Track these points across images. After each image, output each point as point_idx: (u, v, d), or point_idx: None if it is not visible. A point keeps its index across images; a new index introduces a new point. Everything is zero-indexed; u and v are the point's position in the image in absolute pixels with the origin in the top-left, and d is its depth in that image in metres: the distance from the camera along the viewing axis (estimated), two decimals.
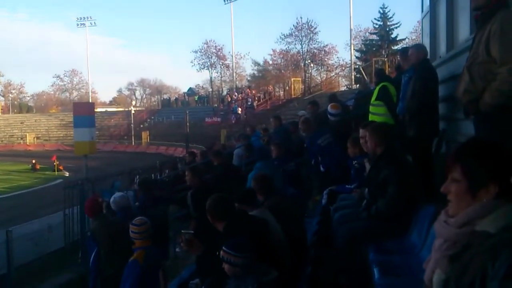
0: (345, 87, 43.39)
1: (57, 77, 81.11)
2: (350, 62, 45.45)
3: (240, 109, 42.57)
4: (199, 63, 63.68)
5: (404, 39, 47.60)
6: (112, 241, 5.41)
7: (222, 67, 64.09)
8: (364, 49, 49.70)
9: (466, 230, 1.58)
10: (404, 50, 6.93)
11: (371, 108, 6.84)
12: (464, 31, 6.25)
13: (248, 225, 3.73)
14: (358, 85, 34.53)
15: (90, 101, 59.92)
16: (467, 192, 1.61)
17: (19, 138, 63.18)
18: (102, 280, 5.59)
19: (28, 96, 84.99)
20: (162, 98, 71.93)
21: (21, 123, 66.04)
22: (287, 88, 47.14)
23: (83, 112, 18.39)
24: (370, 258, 3.65)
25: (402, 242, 3.92)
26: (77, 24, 67.41)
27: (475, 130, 3.60)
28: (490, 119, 3.31)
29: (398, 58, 8.52)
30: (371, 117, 6.64)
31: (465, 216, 1.60)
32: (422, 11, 9.24)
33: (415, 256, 3.53)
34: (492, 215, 1.55)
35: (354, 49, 46.32)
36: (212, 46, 63.03)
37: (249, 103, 43.05)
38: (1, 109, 72.77)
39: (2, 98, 79.90)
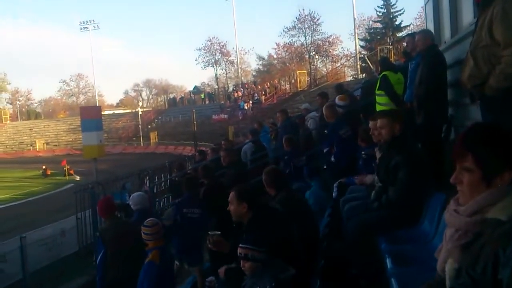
0: (351, 77, 43.26)
1: (64, 82, 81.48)
2: (355, 51, 45.31)
3: (246, 104, 42.48)
4: (203, 61, 63.62)
5: (408, 26, 47.09)
6: (118, 242, 5.40)
7: (227, 63, 63.96)
8: (369, 38, 49.34)
9: (477, 218, 1.54)
10: (413, 35, 6.84)
11: (376, 98, 6.83)
12: (468, 15, 6.18)
13: (272, 218, 3.75)
14: (364, 75, 34.44)
15: (97, 104, 60.23)
16: (481, 181, 1.55)
17: (28, 145, 63.57)
18: (107, 284, 5.57)
19: (35, 103, 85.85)
20: (168, 98, 71.95)
21: (30, 129, 66.54)
22: (292, 81, 46.93)
23: (90, 116, 18.48)
24: (382, 248, 3.62)
25: (414, 231, 3.88)
26: (81, 28, 67.91)
27: (481, 115, 3.56)
28: (496, 103, 3.27)
29: (405, 45, 8.43)
30: (377, 107, 6.63)
31: (475, 204, 1.56)
32: None
33: (427, 245, 3.50)
34: (502, 202, 1.51)
35: (358, 38, 46.08)
36: (216, 43, 62.91)
37: (256, 98, 42.94)
38: (10, 117, 73.27)
39: (10, 106, 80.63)
